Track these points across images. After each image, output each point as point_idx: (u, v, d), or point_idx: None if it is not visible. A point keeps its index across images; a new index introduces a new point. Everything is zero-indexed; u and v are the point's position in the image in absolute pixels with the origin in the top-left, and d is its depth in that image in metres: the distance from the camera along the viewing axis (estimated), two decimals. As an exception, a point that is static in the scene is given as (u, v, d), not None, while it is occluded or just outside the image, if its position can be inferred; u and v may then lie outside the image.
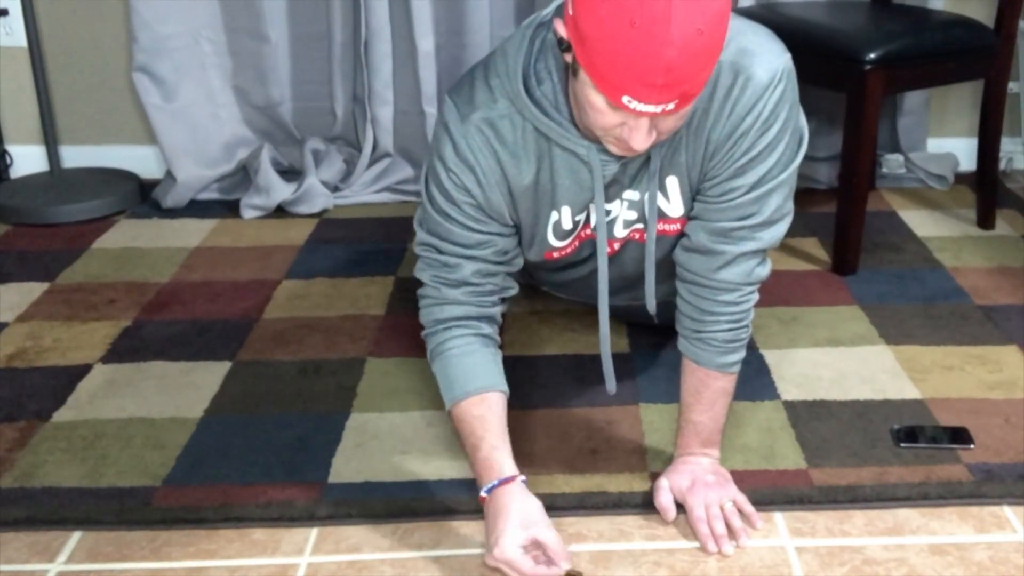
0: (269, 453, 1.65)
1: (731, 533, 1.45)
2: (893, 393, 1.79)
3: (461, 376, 1.47)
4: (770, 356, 1.91)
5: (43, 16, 2.72)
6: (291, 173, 2.73)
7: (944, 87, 2.73)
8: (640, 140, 1.25)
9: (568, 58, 1.26)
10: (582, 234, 1.55)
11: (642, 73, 1.16)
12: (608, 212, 1.50)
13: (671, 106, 1.20)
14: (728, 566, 1.40)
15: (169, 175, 2.70)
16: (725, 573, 1.39)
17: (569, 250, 1.57)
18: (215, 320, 2.09)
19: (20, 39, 2.72)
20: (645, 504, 1.51)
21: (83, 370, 1.90)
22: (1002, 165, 2.80)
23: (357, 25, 2.63)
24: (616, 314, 1.66)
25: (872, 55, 2.10)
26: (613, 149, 1.32)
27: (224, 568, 1.41)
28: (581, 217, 1.50)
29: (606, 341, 1.57)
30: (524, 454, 1.63)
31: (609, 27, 1.15)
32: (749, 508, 1.49)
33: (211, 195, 2.74)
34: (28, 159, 2.86)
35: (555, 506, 1.51)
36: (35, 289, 2.24)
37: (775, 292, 2.17)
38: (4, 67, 2.79)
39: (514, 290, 1.57)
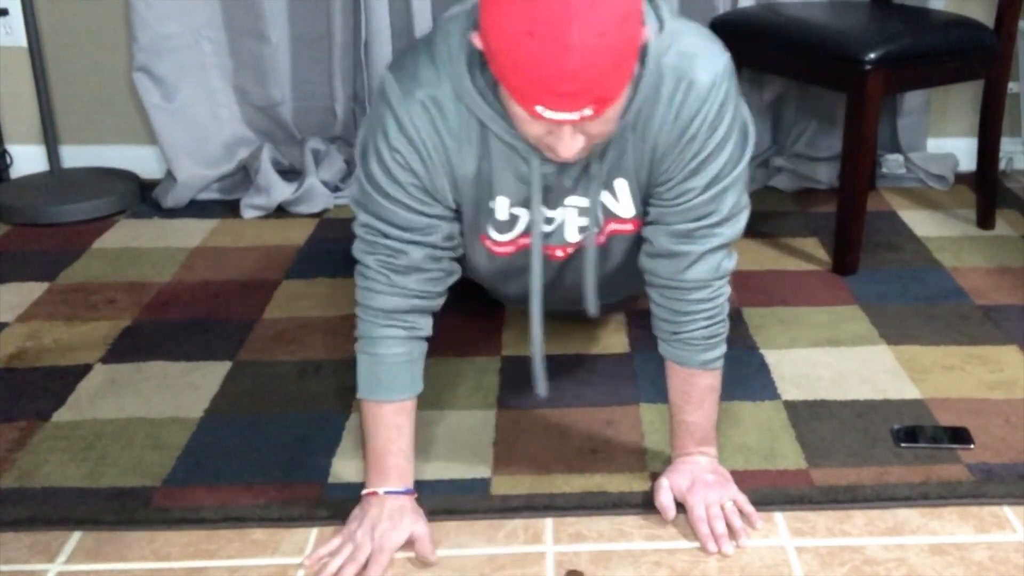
0: (269, 453, 1.65)
1: (731, 533, 1.45)
2: (893, 393, 1.79)
3: (389, 380, 1.46)
4: (770, 356, 1.91)
5: (43, 16, 2.72)
6: (291, 173, 2.73)
7: (944, 87, 2.73)
8: (566, 148, 1.23)
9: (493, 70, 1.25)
10: (522, 242, 1.52)
11: (548, 82, 1.14)
12: (551, 219, 1.49)
13: (588, 111, 1.18)
14: (728, 566, 1.40)
15: (169, 175, 2.70)
16: (725, 573, 1.39)
17: (512, 249, 1.54)
18: (215, 320, 2.09)
19: (20, 39, 2.72)
20: (645, 504, 1.51)
21: (83, 370, 1.90)
22: (1002, 165, 2.80)
23: (357, 25, 2.63)
24: (552, 314, 1.66)
25: (872, 55, 2.10)
26: (550, 156, 1.30)
27: (224, 568, 1.41)
28: (519, 212, 1.47)
29: (537, 343, 1.55)
30: (524, 454, 1.63)
31: (510, 38, 1.14)
32: (749, 508, 1.49)
33: (211, 195, 2.74)
34: (28, 159, 2.86)
35: (555, 506, 1.51)
36: (35, 289, 2.24)
37: (775, 292, 2.17)
38: (4, 67, 2.80)
39: (458, 274, 1.53)
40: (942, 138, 2.87)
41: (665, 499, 1.49)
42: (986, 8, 2.48)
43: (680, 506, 1.49)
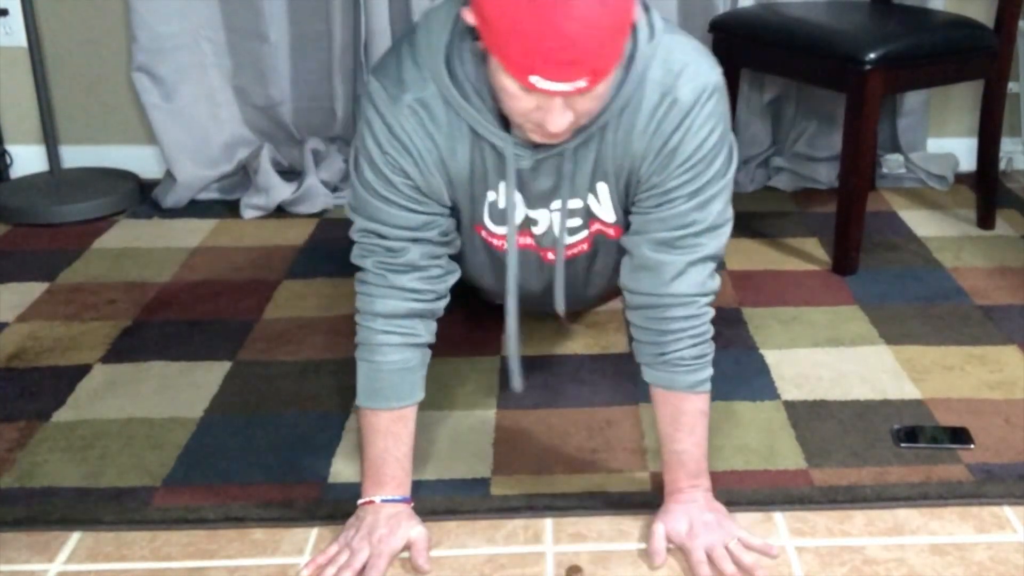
0: (269, 453, 1.65)
1: (743, 570, 1.38)
2: (893, 393, 1.79)
3: (388, 389, 1.46)
4: (770, 356, 1.91)
5: (43, 16, 2.72)
6: (291, 173, 2.73)
7: (944, 87, 2.73)
8: (556, 122, 1.23)
9: (480, 45, 1.24)
10: (519, 241, 1.53)
11: (546, 50, 1.14)
12: (535, 220, 1.50)
13: (582, 83, 1.17)
14: (728, 566, 1.40)
15: (169, 175, 2.70)
16: (725, 573, 1.39)
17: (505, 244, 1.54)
18: (215, 320, 2.09)
19: (20, 39, 2.72)
20: (645, 504, 1.51)
21: (83, 370, 1.90)
22: (1002, 165, 2.80)
23: (357, 25, 2.63)
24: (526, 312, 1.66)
25: (872, 55, 2.10)
26: (535, 137, 1.29)
27: (224, 568, 1.41)
28: (481, 209, 1.48)
29: (513, 336, 1.54)
30: (524, 454, 1.63)
31: (508, 6, 1.13)
32: (756, 542, 1.41)
33: (211, 195, 2.74)
34: (28, 159, 2.86)
35: (555, 506, 1.51)
36: (35, 289, 2.24)
37: (775, 292, 2.17)
38: (4, 67, 2.80)
39: (457, 273, 1.53)
40: (942, 138, 2.87)
41: (657, 545, 1.41)
42: (986, 8, 2.48)
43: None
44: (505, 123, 1.36)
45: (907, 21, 2.31)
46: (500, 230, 1.51)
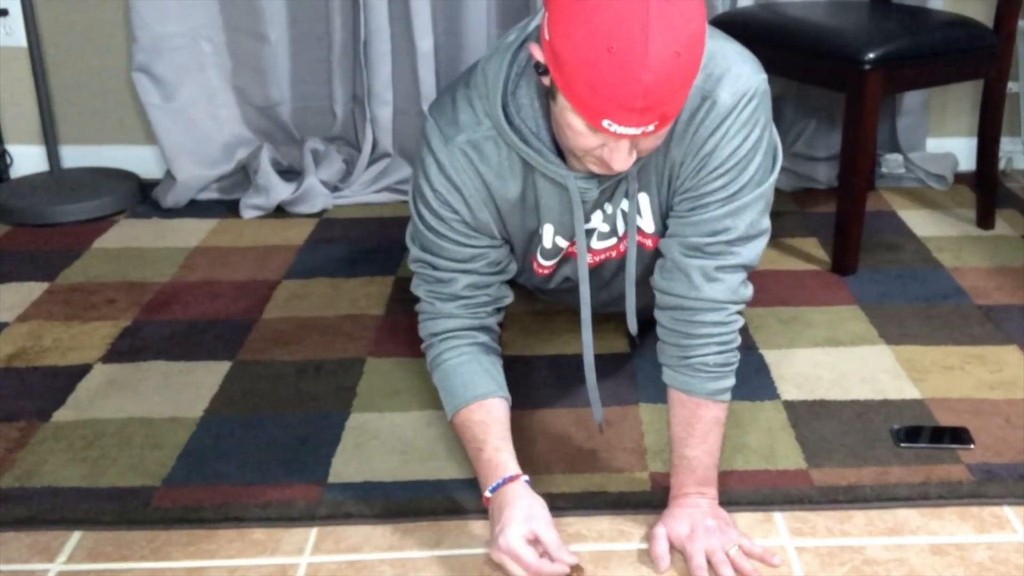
0: (269, 453, 1.65)
1: None
2: (893, 393, 1.79)
3: (460, 385, 1.48)
4: (770, 356, 1.91)
5: (43, 16, 2.72)
6: (291, 173, 2.73)
7: (944, 87, 2.73)
8: (621, 161, 1.26)
9: (546, 81, 1.26)
10: (564, 252, 1.58)
11: (621, 97, 1.16)
12: (591, 231, 1.53)
13: (651, 128, 1.20)
14: (728, 566, 1.40)
15: (169, 175, 2.70)
16: (725, 573, 1.39)
17: (552, 268, 1.61)
18: (215, 320, 2.09)
19: (20, 39, 2.72)
20: (645, 504, 1.51)
21: (83, 370, 1.90)
22: (1002, 165, 2.80)
23: (356, 25, 2.63)
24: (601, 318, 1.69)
25: (872, 55, 2.10)
26: (594, 168, 1.32)
27: (224, 568, 1.41)
28: (562, 240, 1.52)
29: (591, 370, 1.54)
30: (524, 454, 1.63)
31: (586, 52, 1.15)
32: (757, 550, 1.40)
33: (211, 195, 2.74)
34: (28, 159, 2.86)
35: (555, 506, 1.50)
36: (35, 289, 2.24)
37: (775, 292, 2.17)
38: (4, 67, 2.80)
39: (509, 299, 1.58)
40: (942, 138, 2.87)
41: (660, 549, 1.40)
42: (986, 8, 2.48)
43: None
44: (560, 152, 1.39)
45: (907, 21, 2.31)
46: (548, 263, 1.58)
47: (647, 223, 1.50)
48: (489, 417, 1.46)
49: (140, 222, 2.62)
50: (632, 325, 1.59)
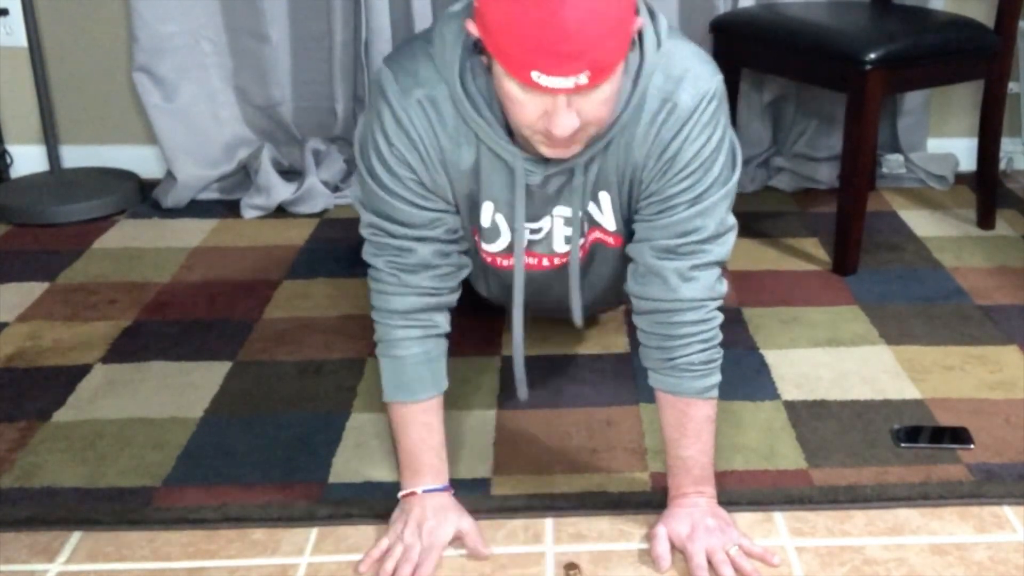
0: (269, 453, 1.65)
1: None
2: (893, 393, 1.79)
3: (415, 382, 1.47)
4: (770, 356, 1.91)
5: (43, 16, 2.72)
6: (291, 173, 2.73)
7: (944, 87, 2.73)
8: (561, 124, 1.21)
9: (485, 59, 1.25)
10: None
11: (545, 41, 1.14)
12: (539, 229, 1.49)
13: (584, 78, 1.17)
14: (728, 566, 1.40)
15: (169, 175, 2.71)
16: (725, 573, 1.39)
17: (503, 261, 1.55)
18: (215, 320, 2.09)
19: (20, 39, 2.72)
20: (645, 504, 1.51)
21: (83, 370, 1.90)
22: (1002, 165, 2.80)
23: (358, 25, 2.63)
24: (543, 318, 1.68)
25: (872, 55, 2.10)
26: (544, 150, 1.29)
27: (224, 568, 1.41)
28: (500, 221, 1.48)
29: (519, 349, 1.56)
30: (524, 454, 1.63)
31: (505, 4, 1.14)
32: (757, 550, 1.40)
33: (211, 195, 2.74)
34: (28, 159, 2.86)
35: (555, 506, 1.51)
36: (35, 289, 2.24)
37: (775, 292, 2.17)
38: (4, 67, 2.80)
39: (468, 268, 1.53)
40: (942, 138, 2.87)
41: (661, 549, 1.40)
42: (986, 8, 2.48)
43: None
44: (515, 140, 1.36)
45: (907, 21, 2.31)
46: (490, 247, 1.52)
47: (608, 221, 1.49)
48: (435, 419, 1.49)
49: (140, 222, 2.62)
50: (577, 317, 1.61)
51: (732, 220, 1.44)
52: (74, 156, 2.85)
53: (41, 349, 1.98)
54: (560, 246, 1.52)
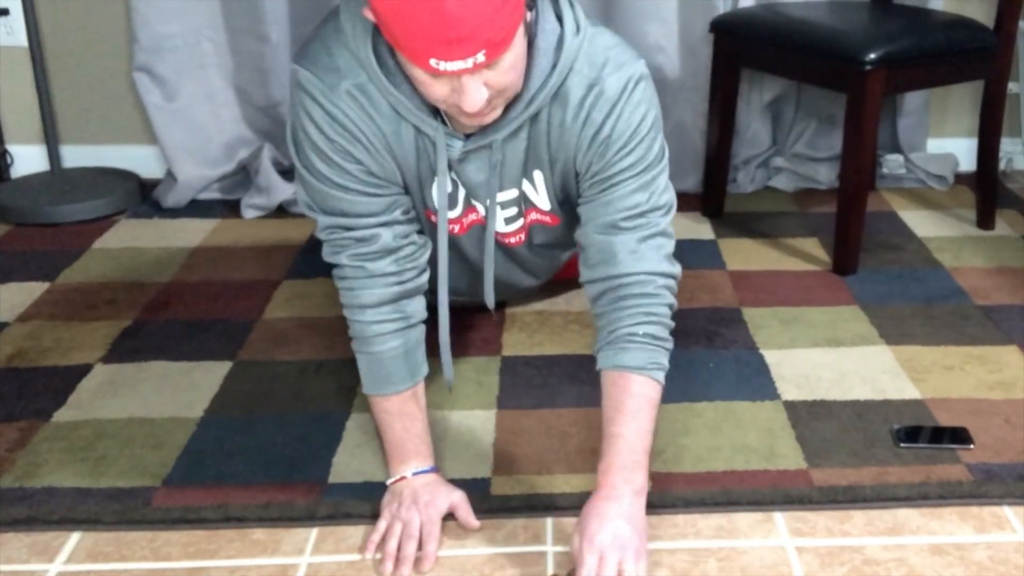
0: (269, 453, 1.65)
1: None
2: (893, 393, 1.79)
3: (394, 375, 1.48)
4: (770, 356, 1.91)
5: (43, 16, 2.72)
6: (292, 173, 2.73)
7: (944, 87, 2.73)
8: (470, 100, 1.22)
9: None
10: (464, 221, 1.57)
11: (432, 30, 1.14)
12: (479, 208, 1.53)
13: (481, 57, 1.17)
14: (728, 566, 1.40)
15: (169, 175, 2.71)
16: (725, 573, 1.39)
17: (458, 228, 1.58)
18: (215, 320, 2.09)
19: (20, 39, 2.72)
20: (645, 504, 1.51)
21: (83, 370, 1.90)
22: (1002, 165, 2.80)
23: (357, 25, 2.63)
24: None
25: (872, 55, 2.10)
26: (465, 121, 1.31)
27: (224, 568, 1.42)
28: (429, 193, 1.49)
29: (445, 329, 1.56)
30: (524, 454, 1.63)
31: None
32: None
33: (212, 195, 2.75)
34: (28, 159, 2.86)
35: (555, 506, 1.51)
36: (35, 289, 2.24)
37: (775, 292, 2.17)
38: (4, 67, 2.80)
39: (429, 247, 1.53)
40: (942, 138, 2.87)
41: (575, 544, 1.33)
42: (986, 8, 2.48)
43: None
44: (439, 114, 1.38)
45: (907, 21, 2.31)
46: (450, 214, 1.54)
47: (543, 201, 1.53)
48: (417, 408, 1.51)
49: (141, 222, 2.62)
50: (490, 300, 1.64)
51: (672, 193, 1.47)
52: (74, 156, 2.85)
53: (41, 349, 1.98)
54: (502, 227, 1.57)
